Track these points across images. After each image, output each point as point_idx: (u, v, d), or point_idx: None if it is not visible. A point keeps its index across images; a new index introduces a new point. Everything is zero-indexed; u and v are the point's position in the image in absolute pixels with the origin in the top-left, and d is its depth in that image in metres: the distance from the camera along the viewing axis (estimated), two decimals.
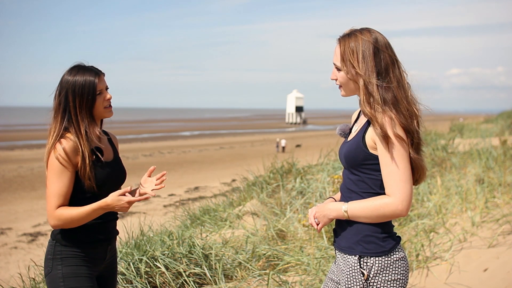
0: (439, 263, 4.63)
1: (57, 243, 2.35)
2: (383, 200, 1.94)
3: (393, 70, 1.98)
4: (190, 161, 27.13)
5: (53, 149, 2.27)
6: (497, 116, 28.12)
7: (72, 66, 2.37)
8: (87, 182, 2.29)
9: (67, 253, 2.33)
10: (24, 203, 15.35)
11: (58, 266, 2.32)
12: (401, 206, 1.91)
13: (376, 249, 1.99)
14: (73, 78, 2.31)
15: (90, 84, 2.31)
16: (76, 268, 2.33)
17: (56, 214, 2.25)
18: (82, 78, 2.31)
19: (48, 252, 2.37)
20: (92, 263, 2.39)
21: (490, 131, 15.02)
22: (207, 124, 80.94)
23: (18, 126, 62.48)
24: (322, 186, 6.43)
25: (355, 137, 2.06)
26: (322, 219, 2.10)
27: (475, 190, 5.81)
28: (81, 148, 2.28)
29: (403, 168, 1.91)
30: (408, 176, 1.93)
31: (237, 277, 4.23)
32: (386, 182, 1.94)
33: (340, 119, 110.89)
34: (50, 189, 2.27)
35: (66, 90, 2.31)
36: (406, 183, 1.92)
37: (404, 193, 1.91)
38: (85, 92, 2.30)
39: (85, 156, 2.28)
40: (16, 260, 9.29)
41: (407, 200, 1.92)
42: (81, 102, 2.30)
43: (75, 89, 2.30)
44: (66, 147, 2.26)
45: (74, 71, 2.34)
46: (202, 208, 6.75)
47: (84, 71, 2.34)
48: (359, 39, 1.99)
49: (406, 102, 1.96)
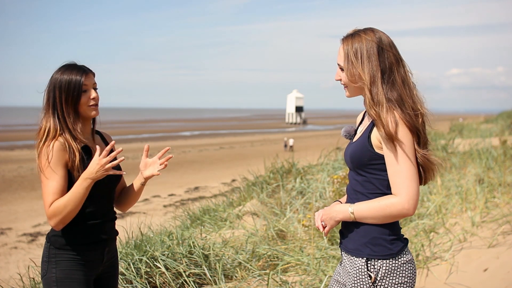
0: (439, 263, 4.63)
1: (52, 245, 2.31)
2: (389, 200, 1.92)
3: (397, 69, 1.98)
4: (190, 161, 27.12)
5: (43, 149, 2.26)
6: (497, 116, 28.13)
7: (62, 65, 2.39)
8: (76, 174, 2.26)
9: (62, 256, 2.29)
10: (24, 203, 15.35)
11: (52, 270, 2.28)
12: (407, 205, 1.90)
13: (384, 252, 1.97)
14: (61, 75, 2.33)
15: (76, 81, 2.32)
16: (70, 272, 2.28)
17: (51, 210, 2.21)
18: (69, 76, 2.33)
19: (44, 255, 2.34)
20: (88, 266, 2.33)
21: (490, 131, 15.03)
22: (207, 124, 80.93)
23: (18, 126, 62.47)
24: (322, 186, 6.43)
25: (360, 137, 2.05)
26: (329, 221, 2.08)
27: (475, 190, 5.81)
28: (67, 143, 2.28)
29: (408, 167, 1.90)
30: (413, 174, 1.91)
31: (237, 277, 4.23)
32: (392, 181, 1.93)
33: (340, 119, 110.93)
34: (44, 189, 2.25)
35: (54, 86, 2.33)
36: (412, 181, 1.90)
37: (410, 192, 1.89)
38: (70, 89, 2.31)
39: (72, 149, 2.27)
40: (16, 260, 9.29)
41: (414, 199, 1.90)
42: (67, 98, 2.31)
43: (61, 85, 2.31)
44: (55, 147, 2.25)
45: (63, 69, 2.36)
46: (202, 208, 6.75)
47: (72, 69, 2.35)
48: (363, 39, 1.98)
49: (411, 101, 1.95)
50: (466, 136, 13.90)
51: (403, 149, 1.90)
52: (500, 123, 20.77)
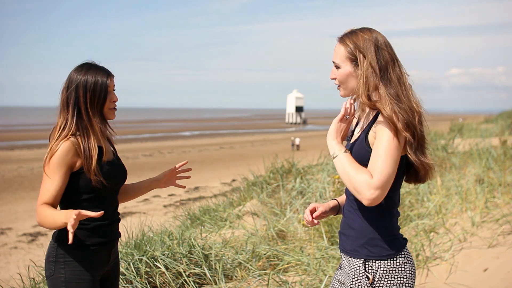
0: (439, 263, 4.63)
1: (59, 245, 2.28)
2: (363, 176, 1.85)
3: (393, 68, 1.98)
4: (190, 161, 26.90)
5: (52, 147, 2.24)
6: (497, 116, 28.13)
7: (82, 64, 2.34)
8: (94, 178, 2.23)
9: (70, 256, 2.27)
10: (24, 203, 15.34)
11: (61, 270, 2.26)
12: (370, 194, 1.82)
13: (382, 253, 1.96)
14: (84, 75, 2.28)
15: (103, 83, 2.28)
16: (79, 273, 2.27)
17: (38, 209, 2.20)
18: (94, 77, 2.28)
19: (50, 254, 2.30)
20: (95, 267, 2.32)
21: (490, 131, 15.03)
22: (207, 124, 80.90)
23: (18, 126, 62.43)
24: (322, 186, 6.43)
25: (358, 138, 2.04)
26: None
27: (475, 190, 5.81)
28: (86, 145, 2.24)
29: (391, 159, 1.85)
30: (393, 169, 1.86)
31: (237, 277, 4.23)
32: (372, 164, 1.87)
33: None
34: (42, 185, 2.24)
35: (77, 85, 2.27)
36: (388, 175, 1.84)
37: (380, 182, 1.83)
38: (97, 90, 2.27)
39: (93, 152, 2.24)
40: (16, 260, 9.28)
41: (379, 194, 1.83)
42: (92, 99, 2.27)
43: (87, 86, 2.26)
44: (63, 147, 2.22)
45: (85, 68, 2.31)
46: (202, 208, 6.76)
47: (96, 69, 2.31)
48: (359, 37, 1.99)
49: (407, 100, 1.94)
50: (466, 136, 13.90)
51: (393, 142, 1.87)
52: (500, 123, 20.77)
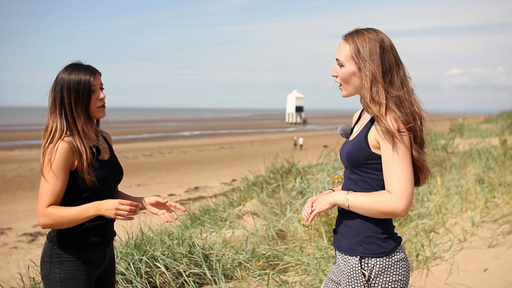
0: (439, 263, 4.63)
1: (54, 245, 2.30)
2: (384, 196, 1.92)
3: (397, 71, 1.98)
4: (190, 161, 27.12)
5: (48, 149, 2.24)
6: (497, 116, 28.12)
7: (68, 64, 2.35)
8: (88, 178, 2.24)
9: (65, 256, 2.28)
10: (24, 203, 15.35)
11: (55, 270, 2.27)
12: (400, 205, 1.89)
13: (377, 250, 1.98)
14: (68, 75, 2.29)
15: (85, 81, 2.29)
16: (74, 273, 2.28)
17: (47, 212, 2.21)
18: (77, 76, 2.29)
19: (45, 255, 2.31)
20: (90, 266, 2.33)
21: (490, 131, 15.02)
22: (207, 124, 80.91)
23: (18, 126, 62.41)
24: (322, 186, 6.43)
25: (357, 136, 2.05)
26: (321, 204, 2.05)
27: (475, 190, 5.81)
28: (77, 145, 2.25)
29: (405, 168, 1.90)
30: (410, 175, 1.91)
31: (237, 277, 4.23)
32: (388, 180, 1.92)
33: (340, 119, 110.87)
34: (43, 188, 2.24)
35: (61, 86, 2.29)
36: (408, 182, 1.90)
37: (405, 192, 1.89)
38: (80, 89, 2.28)
39: (82, 152, 2.25)
40: (16, 260, 9.28)
41: (408, 199, 1.90)
42: (77, 99, 2.28)
43: (70, 86, 2.27)
44: (61, 148, 2.22)
45: (70, 68, 2.32)
46: (202, 208, 6.75)
47: (80, 68, 2.32)
48: (366, 37, 1.98)
49: (409, 103, 1.95)
50: (466, 136, 13.90)
51: (400, 149, 1.90)
52: (500, 123, 20.75)
